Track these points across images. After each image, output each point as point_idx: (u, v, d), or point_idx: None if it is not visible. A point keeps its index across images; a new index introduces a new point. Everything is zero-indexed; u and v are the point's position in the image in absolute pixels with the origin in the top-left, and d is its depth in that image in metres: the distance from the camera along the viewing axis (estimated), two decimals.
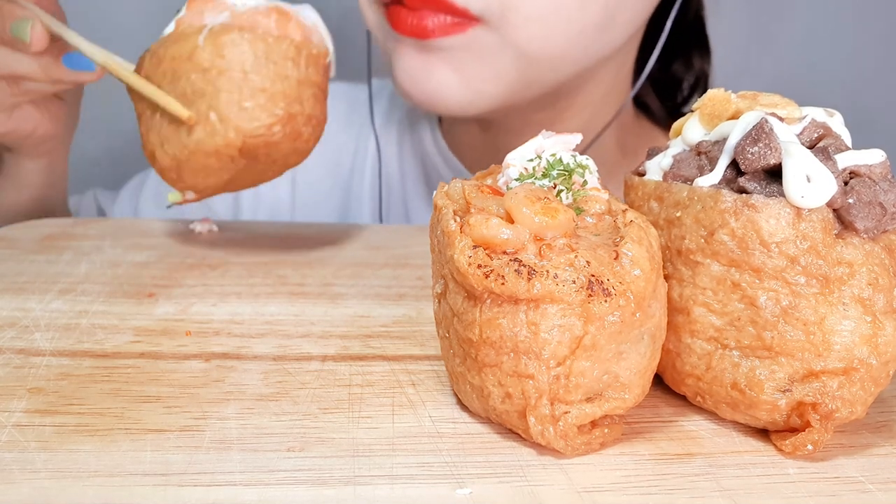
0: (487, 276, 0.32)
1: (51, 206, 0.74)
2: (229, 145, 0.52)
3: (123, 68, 0.56)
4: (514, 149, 0.41)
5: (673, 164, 0.40)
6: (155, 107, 0.54)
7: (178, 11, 0.55)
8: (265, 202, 0.91)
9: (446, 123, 0.88)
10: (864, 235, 0.34)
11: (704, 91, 0.48)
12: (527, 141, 0.40)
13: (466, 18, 0.62)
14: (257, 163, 0.55)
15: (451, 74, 0.66)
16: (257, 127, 0.52)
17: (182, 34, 0.53)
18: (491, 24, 0.62)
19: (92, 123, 0.74)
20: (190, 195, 0.58)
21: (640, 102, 0.87)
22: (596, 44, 0.67)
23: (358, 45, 0.73)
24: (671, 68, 0.87)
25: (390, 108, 0.94)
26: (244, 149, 0.52)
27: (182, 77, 0.52)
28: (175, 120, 0.53)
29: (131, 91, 0.57)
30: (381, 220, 0.87)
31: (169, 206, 0.62)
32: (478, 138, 0.84)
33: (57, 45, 0.58)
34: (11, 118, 0.64)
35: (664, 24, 0.74)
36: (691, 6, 0.82)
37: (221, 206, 0.90)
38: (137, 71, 0.55)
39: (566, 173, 0.38)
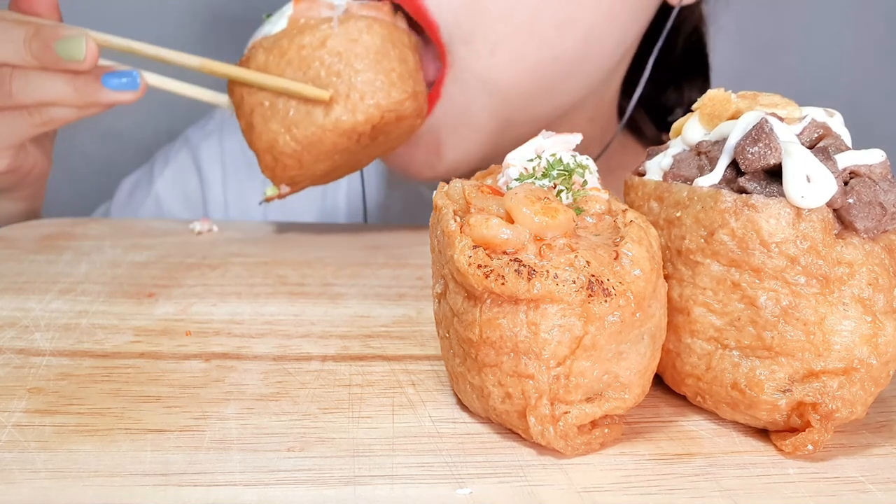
0: (487, 276, 0.32)
1: None
2: (368, 120, 0.57)
3: (232, 67, 0.58)
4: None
5: (673, 164, 0.40)
6: (275, 96, 0.57)
7: (269, 15, 0.59)
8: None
9: None
10: (864, 235, 0.34)
11: None
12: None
13: (436, 41, 0.61)
14: (375, 143, 0.60)
15: (429, 156, 0.66)
16: (394, 102, 0.57)
17: (306, 26, 0.57)
18: (458, 60, 0.61)
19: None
20: (284, 189, 0.61)
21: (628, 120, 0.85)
22: (571, 77, 0.64)
23: None
24: (666, 93, 0.85)
25: None
26: (378, 124, 0.57)
27: (315, 62, 0.57)
28: (307, 103, 0.57)
29: (235, 88, 0.59)
30: None
31: (261, 203, 0.64)
32: None
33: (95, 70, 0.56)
34: (18, 155, 0.60)
35: (658, 45, 0.71)
36: (682, 31, 0.80)
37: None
38: (245, 67, 0.58)
39: (566, 173, 0.38)
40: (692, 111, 0.41)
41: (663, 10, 0.71)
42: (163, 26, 0.57)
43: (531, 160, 0.39)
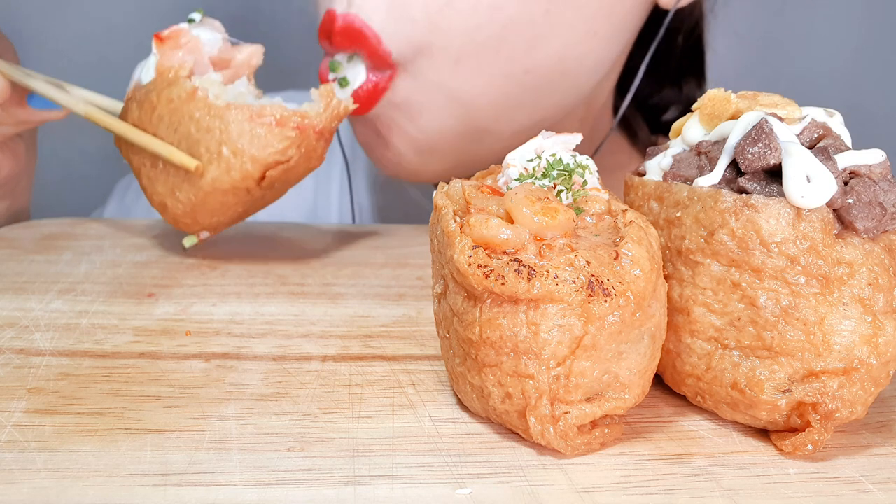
0: (487, 276, 0.32)
1: None
2: (246, 177, 0.51)
3: (114, 120, 0.55)
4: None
5: (673, 164, 0.40)
6: (156, 157, 0.53)
7: (191, 20, 0.55)
8: None
9: None
10: (864, 235, 0.34)
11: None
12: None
13: (383, 66, 0.58)
14: (272, 189, 0.55)
15: (408, 150, 0.63)
16: (275, 152, 0.51)
17: (176, 77, 0.52)
18: (413, 68, 0.58)
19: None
20: (204, 234, 0.58)
21: (621, 119, 0.82)
22: (553, 94, 0.62)
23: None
24: (661, 93, 0.83)
25: None
26: (262, 179, 0.52)
27: (185, 118, 0.51)
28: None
29: (122, 144, 0.56)
30: None
31: (187, 248, 0.61)
32: None
33: (18, 88, 0.57)
34: None
35: (652, 50, 0.69)
36: (682, 31, 0.78)
37: None
38: (125, 121, 0.55)
39: (566, 173, 0.38)
40: (692, 111, 0.41)
41: (657, 11, 0.70)
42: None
43: (531, 160, 0.39)
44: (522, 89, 0.61)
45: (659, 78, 0.79)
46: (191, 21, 0.55)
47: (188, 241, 0.58)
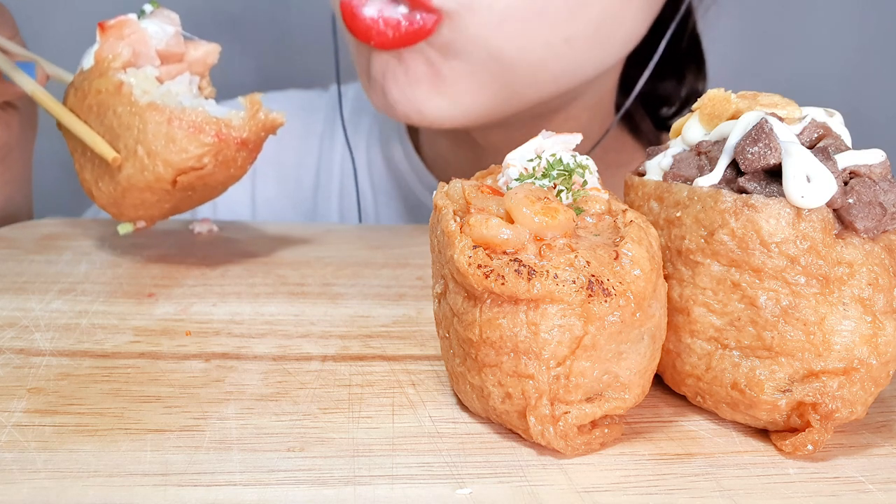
0: (487, 276, 0.32)
1: (11, 216, 0.69)
2: (160, 179, 0.50)
3: (54, 102, 0.54)
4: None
5: (673, 164, 0.40)
6: (83, 143, 0.53)
7: (143, 12, 0.54)
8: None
9: (421, 137, 0.86)
10: (864, 235, 0.34)
11: None
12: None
13: (424, 10, 0.58)
14: (195, 191, 0.53)
15: (426, 81, 0.62)
16: (190, 158, 0.49)
17: (107, 68, 0.51)
18: (457, 19, 0.58)
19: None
20: (141, 223, 0.57)
21: (624, 115, 0.83)
22: (585, 59, 0.63)
23: (321, 49, 0.67)
24: (662, 85, 0.84)
25: (355, 117, 0.90)
26: (176, 182, 0.50)
27: (109, 110, 0.50)
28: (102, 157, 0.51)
29: (61, 127, 0.55)
30: None
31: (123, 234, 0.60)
32: (453, 154, 0.81)
33: None
34: None
35: (654, 38, 0.71)
36: (688, 23, 0.79)
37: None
38: (64, 105, 0.54)
39: (566, 173, 0.38)
40: (692, 111, 0.41)
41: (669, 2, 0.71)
42: None
43: (531, 160, 0.39)
44: (558, 60, 0.62)
45: (661, 70, 0.79)
46: (142, 13, 0.54)
47: (122, 229, 0.56)
